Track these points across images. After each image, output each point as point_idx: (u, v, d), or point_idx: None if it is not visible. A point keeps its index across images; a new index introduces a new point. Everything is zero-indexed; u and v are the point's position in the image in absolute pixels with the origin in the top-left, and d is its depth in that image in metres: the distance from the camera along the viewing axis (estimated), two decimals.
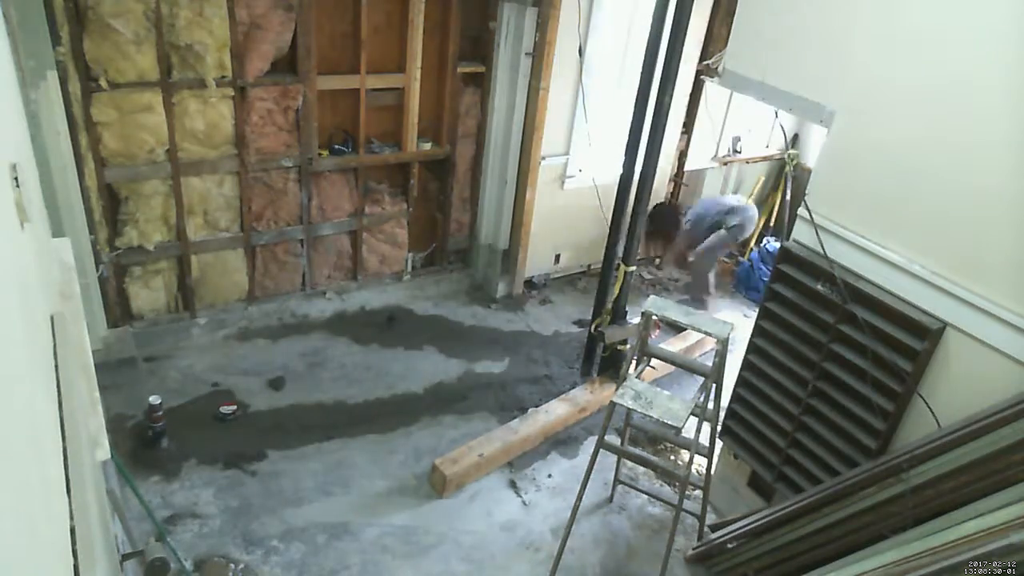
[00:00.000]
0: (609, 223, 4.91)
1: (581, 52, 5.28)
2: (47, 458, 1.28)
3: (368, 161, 5.41)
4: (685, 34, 4.17)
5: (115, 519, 2.94)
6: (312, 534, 3.88)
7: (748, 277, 6.70)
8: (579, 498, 3.74)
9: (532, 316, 6.00)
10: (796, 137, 7.02)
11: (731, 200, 6.38)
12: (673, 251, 6.81)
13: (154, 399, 4.15)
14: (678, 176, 6.67)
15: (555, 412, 4.80)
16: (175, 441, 4.26)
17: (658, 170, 4.70)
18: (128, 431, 4.28)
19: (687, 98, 6.19)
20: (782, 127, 6.88)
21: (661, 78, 4.27)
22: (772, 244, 6.69)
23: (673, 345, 5.59)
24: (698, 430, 3.58)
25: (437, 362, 5.31)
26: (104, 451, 2.25)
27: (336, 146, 5.26)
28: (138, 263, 4.86)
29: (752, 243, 7.07)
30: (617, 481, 4.36)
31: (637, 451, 4.20)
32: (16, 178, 1.42)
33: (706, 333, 3.67)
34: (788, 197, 7.06)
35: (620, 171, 4.73)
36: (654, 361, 5.37)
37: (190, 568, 3.56)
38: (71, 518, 1.35)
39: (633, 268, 4.83)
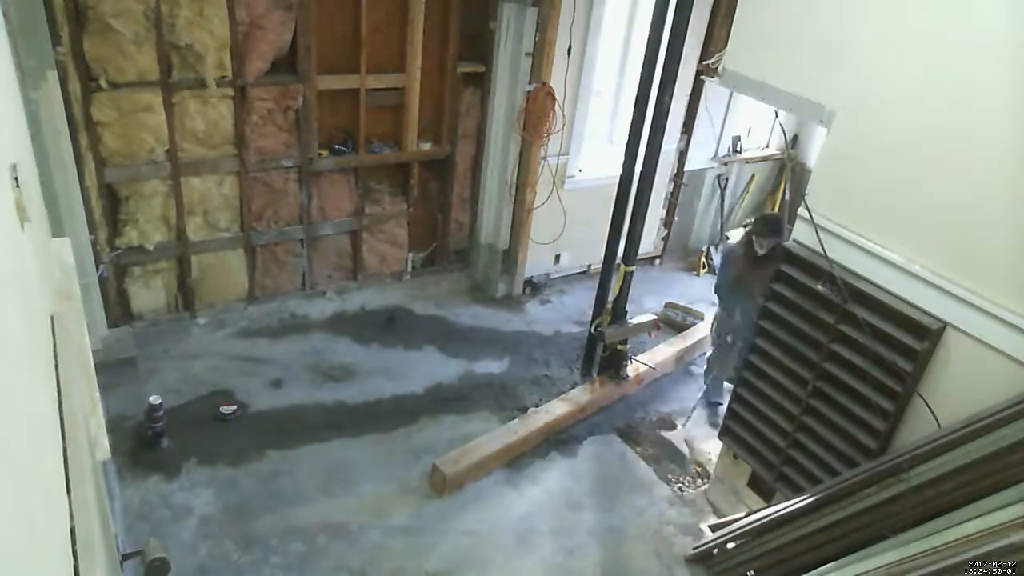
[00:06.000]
0: (609, 223, 4.91)
1: (569, 51, 5.29)
2: (47, 458, 1.27)
3: (368, 161, 5.40)
4: (685, 34, 4.18)
5: (115, 519, 2.94)
6: (312, 534, 3.87)
7: None
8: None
9: (532, 316, 6.00)
10: (796, 137, 7.02)
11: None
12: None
13: (154, 399, 4.15)
14: (678, 176, 6.67)
15: (555, 412, 4.79)
16: (175, 441, 4.25)
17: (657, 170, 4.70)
18: (128, 431, 4.27)
19: (687, 98, 6.18)
20: (782, 127, 6.88)
21: (661, 78, 4.27)
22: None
23: (674, 345, 5.59)
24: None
25: (437, 362, 5.30)
26: (104, 451, 2.25)
27: (336, 146, 5.26)
28: (138, 263, 4.86)
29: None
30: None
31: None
32: (16, 178, 1.42)
33: None
34: (788, 197, 7.06)
35: (620, 171, 4.73)
36: (654, 360, 5.34)
37: None
38: (71, 518, 1.35)
39: (633, 268, 4.83)
